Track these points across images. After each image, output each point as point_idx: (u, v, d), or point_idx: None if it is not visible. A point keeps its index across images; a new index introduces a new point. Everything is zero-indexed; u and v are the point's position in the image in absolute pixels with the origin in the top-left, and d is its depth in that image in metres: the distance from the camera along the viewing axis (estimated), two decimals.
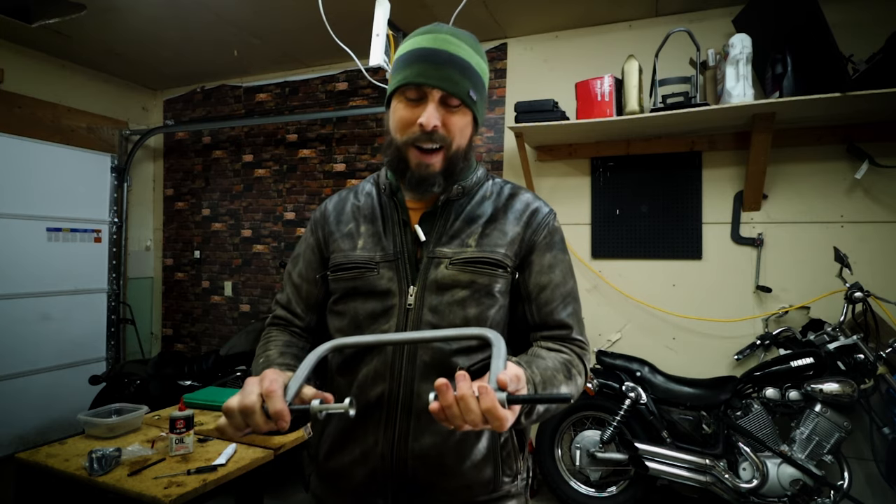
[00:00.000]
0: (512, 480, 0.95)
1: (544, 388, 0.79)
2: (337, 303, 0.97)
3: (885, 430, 2.25)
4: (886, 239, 2.56)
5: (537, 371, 0.81)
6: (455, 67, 0.87)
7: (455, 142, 0.90)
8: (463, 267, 0.90)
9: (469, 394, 0.64)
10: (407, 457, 0.87)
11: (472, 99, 0.89)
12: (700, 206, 2.87)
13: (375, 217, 0.99)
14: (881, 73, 2.19)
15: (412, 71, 0.87)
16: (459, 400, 0.64)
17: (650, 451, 2.48)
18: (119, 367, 3.26)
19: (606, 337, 3.05)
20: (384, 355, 0.89)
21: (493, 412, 0.62)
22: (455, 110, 0.89)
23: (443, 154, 0.89)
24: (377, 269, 0.93)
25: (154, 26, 3.23)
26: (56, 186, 3.70)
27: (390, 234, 0.96)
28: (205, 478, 1.65)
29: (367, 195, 1.03)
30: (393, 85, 0.91)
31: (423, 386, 0.87)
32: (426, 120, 0.85)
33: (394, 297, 0.91)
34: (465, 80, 0.88)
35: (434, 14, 2.89)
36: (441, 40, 0.88)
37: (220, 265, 4.19)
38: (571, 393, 0.85)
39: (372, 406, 0.89)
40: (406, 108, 0.89)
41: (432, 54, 0.87)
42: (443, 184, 0.92)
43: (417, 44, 0.89)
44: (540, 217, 0.97)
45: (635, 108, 2.62)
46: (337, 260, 0.97)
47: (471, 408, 0.63)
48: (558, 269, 0.95)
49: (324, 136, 3.83)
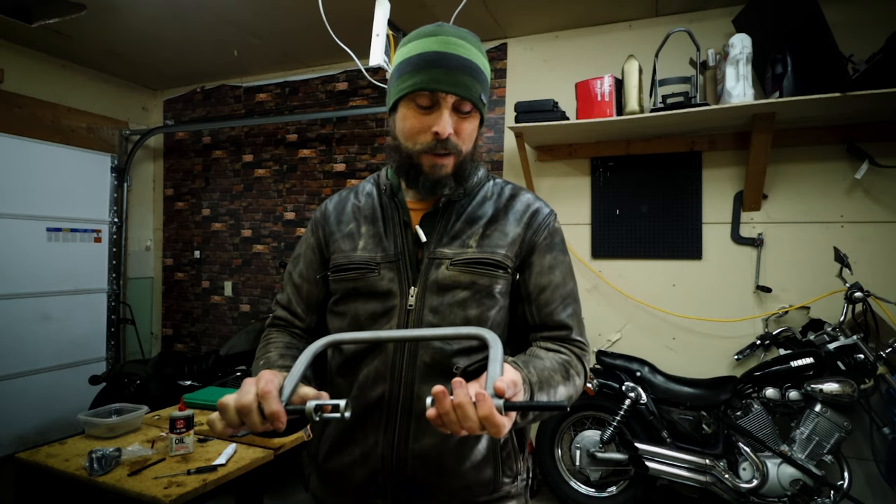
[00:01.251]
0: (512, 481, 0.95)
1: (541, 388, 0.78)
2: (337, 303, 0.97)
3: (885, 430, 2.25)
4: (886, 239, 2.56)
5: (534, 371, 0.80)
6: (466, 72, 0.86)
7: (465, 148, 0.90)
8: (463, 268, 0.90)
9: (466, 401, 0.63)
10: (407, 458, 0.87)
11: (482, 102, 0.89)
12: (700, 206, 2.87)
13: (376, 218, 0.98)
14: (881, 73, 2.19)
15: (424, 77, 0.85)
16: (457, 407, 0.63)
17: (650, 451, 2.48)
18: (119, 367, 3.26)
19: (606, 337, 3.05)
20: (384, 356, 0.89)
21: (490, 419, 0.62)
22: (466, 116, 0.89)
23: (454, 158, 0.90)
24: (378, 269, 0.93)
25: (154, 26, 3.23)
26: (56, 186, 3.70)
27: (391, 235, 0.95)
28: (205, 478, 1.65)
29: (367, 195, 1.03)
30: (401, 90, 0.88)
31: (424, 387, 0.87)
32: (442, 129, 0.85)
33: (395, 297, 0.91)
34: (476, 84, 0.87)
35: (434, 14, 2.89)
36: (450, 43, 0.86)
37: (220, 265, 4.19)
38: (568, 397, 0.85)
39: (372, 407, 0.89)
40: (417, 114, 0.87)
41: (444, 59, 0.85)
42: (454, 186, 0.92)
43: (425, 47, 0.87)
44: (540, 218, 0.97)
45: (635, 108, 2.62)
46: (338, 260, 0.97)
47: (468, 415, 0.63)
48: (558, 271, 0.95)
49: (324, 136, 3.83)
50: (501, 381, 0.64)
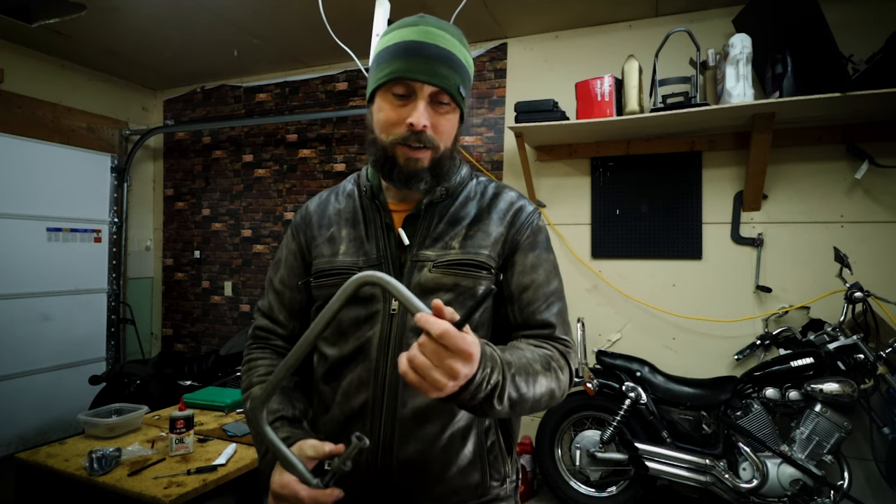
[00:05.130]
0: (500, 484, 0.94)
1: (519, 374, 0.76)
2: (319, 310, 0.95)
3: (885, 430, 2.25)
4: (886, 239, 2.56)
5: (512, 357, 0.77)
6: (444, 62, 0.84)
7: (443, 144, 0.88)
8: (446, 270, 0.88)
9: (422, 341, 0.63)
10: (392, 464, 0.86)
11: (461, 95, 0.87)
12: (700, 206, 2.87)
13: (357, 221, 0.96)
14: (881, 73, 2.19)
15: (400, 65, 0.83)
16: (415, 356, 0.63)
17: (650, 451, 2.48)
18: (119, 367, 3.26)
19: (606, 337, 3.05)
20: (367, 363, 0.88)
21: (448, 337, 0.60)
22: (444, 111, 0.86)
23: (430, 153, 0.87)
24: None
25: (154, 26, 3.23)
26: (56, 186, 3.70)
27: (373, 239, 0.93)
28: (205, 478, 1.65)
29: (347, 196, 1.00)
30: (378, 80, 0.86)
31: (408, 392, 0.86)
32: (416, 120, 0.83)
33: (378, 302, 0.89)
34: (454, 74, 0.85)
35: (434, 14, 2.88)
36: (428, 33, 0.84)
37: (220, 265, 4.19)
38: (550, 391, 0.81)
39: (356, 414, 0.88)
40: (392, 105, 0.85)
41: (420, 47, 0.83)
42: (430, 181, 0.90)
43: (403, 36, 0.85)
44: (524, 216, 0.95)
45: (635, 108, 2.62)
46: (319, 266, 0.95)
47: (429, 350, 0.62)
48: (542, 269, 0.93)
49: (324, 136, 3.83)
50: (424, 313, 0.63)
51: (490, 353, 0.72)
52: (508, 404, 0.74)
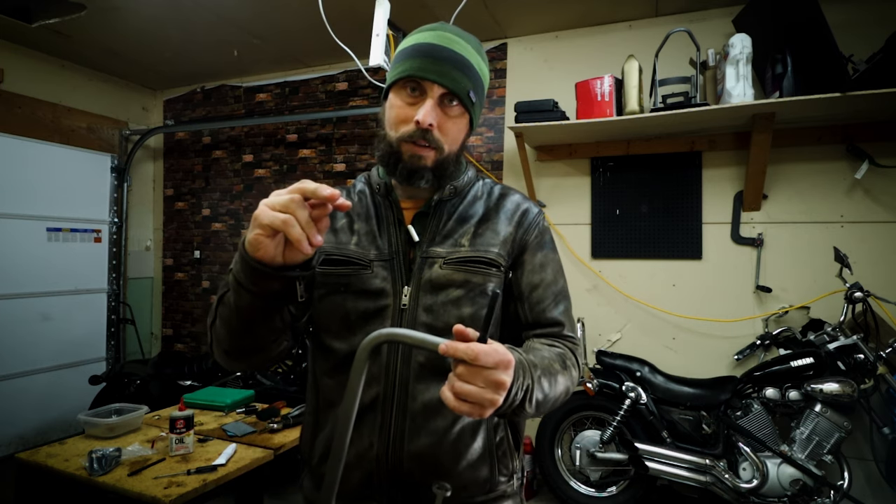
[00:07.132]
0: (508, 480, 0.95)
1: (544, 374, 0.79)
2: (323, 299, 0.93)
3: (885, 430, 2.25)
4: (886, 239, 2.56)
5: (535, 358, 0.81)
6: (456, 65, 0.86)
7: (448, 147, 0.89)
8: (457, 266, 0.90)
9: (459, 371, 0.63)
10: (402, 458, 0.86)
11: (471, 100, 0.89)
12: (700, 206, 2.87)
13: (370, 216, 0.97)
14: (881, 73, 2.19)
15: (412, 64, 0.86)
16: (460, 387, 0.63)
17: (650, 451, 2.48)
18: (119, 367, 3.26)
19: (606, 337, 3.05)
20: (379, 357, 0.89)
21: (483, 357, 0.61)
22: (452, 113, 0.88)
23: (435, 153, 0.89)
24: (371, 267, 0.91)
25: (154, 26, 3.23)
26: (56, 186, 3.70)
27: (385, 234, 0.95)
28: (205, 478, 1.65)
29: (360, 193, 1.02)
30: (391, 77, 0.90)
31: (418, 387, 0.87)
32: (423, 116, 0.84)
33: (387, 297, 0.90)
34: (466, 79, 0.87)
35: (434, 14, 2.89)
36: (445, 38, 0.87)
37: (221, 265, 4.19)
38: (566, 388, 0.85)
39: (366, 408, 0.88)
40: (403, 103, 0.88)
41: (434, 50, 0.86)
42: (432, 180, 0.91)
43: (421, 39, 0.88)
44: (531, 217, 0.98)
45: (635, 108, 2.62)
46: (327, 249, 0.93)
47: (469, 375, 0.62)
48: (549, 268, 0.96)
49: (324, 136, 3.83)
50: (449, 343, 0.63)
51: (518, 359, 0.73)
52: (535, 405, 0.77)
